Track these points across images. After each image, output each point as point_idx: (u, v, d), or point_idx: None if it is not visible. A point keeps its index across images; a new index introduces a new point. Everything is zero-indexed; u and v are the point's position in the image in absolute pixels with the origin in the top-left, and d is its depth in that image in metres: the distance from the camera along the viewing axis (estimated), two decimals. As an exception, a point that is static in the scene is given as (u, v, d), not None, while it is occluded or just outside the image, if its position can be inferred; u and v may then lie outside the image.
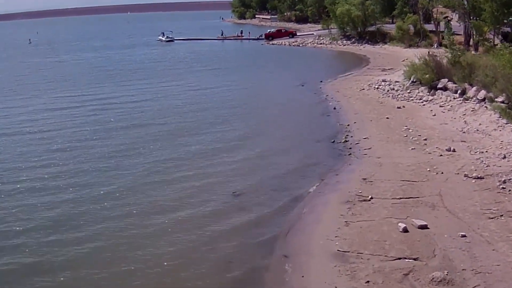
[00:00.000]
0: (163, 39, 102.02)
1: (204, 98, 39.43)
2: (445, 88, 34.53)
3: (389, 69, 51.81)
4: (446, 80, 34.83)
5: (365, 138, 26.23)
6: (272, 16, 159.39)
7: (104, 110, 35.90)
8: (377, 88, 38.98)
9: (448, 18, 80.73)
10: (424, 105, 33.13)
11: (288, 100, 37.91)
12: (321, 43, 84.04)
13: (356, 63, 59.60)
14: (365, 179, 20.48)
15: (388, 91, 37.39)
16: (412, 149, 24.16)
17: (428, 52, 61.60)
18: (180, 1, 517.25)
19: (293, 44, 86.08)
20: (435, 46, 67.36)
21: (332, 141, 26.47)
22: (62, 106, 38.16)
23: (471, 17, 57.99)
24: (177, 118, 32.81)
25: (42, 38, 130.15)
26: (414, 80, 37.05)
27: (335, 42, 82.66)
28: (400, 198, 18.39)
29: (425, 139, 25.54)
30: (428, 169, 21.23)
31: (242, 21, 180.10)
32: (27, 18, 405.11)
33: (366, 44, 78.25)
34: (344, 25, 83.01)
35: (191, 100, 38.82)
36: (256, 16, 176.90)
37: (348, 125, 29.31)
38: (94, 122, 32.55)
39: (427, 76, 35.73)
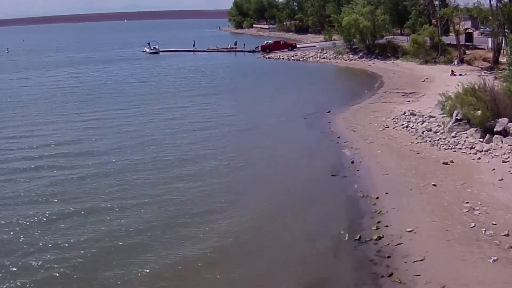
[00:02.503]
0: (148, 50, 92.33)
1: (168, 142, 28.75)
2: (505, 133, 24.54)
3: (411, 94, 42.03)
4: (506, 120, 24.84)
5: (409, 232, 16.10)
6: (271, 26, 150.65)
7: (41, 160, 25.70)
8: (407, 126, 28.81)
9: (470, 30, 71.52)
10: (479, 158, 23.01)
11: (285, 146, 27.41)
12: (324, 57, 74.20)
13: (368, 84, 49.61)
14: None
15: (423, 132, 27.24)
16: (494, 260, 14.10)
17: (452, 71, 52.41)
18: (177, 9, 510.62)
19: (292, 58, 76.15)
20: (456, 63, 58.37)
21: (357, 237, 16.15)
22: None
23: (506, 30, 48.74)
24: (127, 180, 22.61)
25: (24, 47, 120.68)
26: (459, 118, 26.88)
27: (340, 56, 72.77)
28: None
29: (507, 234, 15.49)
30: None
31: (239, 30, 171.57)
32: (26, 24, 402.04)
33: (375, 59, 68.75)
34: (351, 37, 73.14)
35: (152, 144, 28.51)
36: (254, 25, 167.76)
37: (377, 198, 19.13)
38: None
39: (478, 113, 25.66)
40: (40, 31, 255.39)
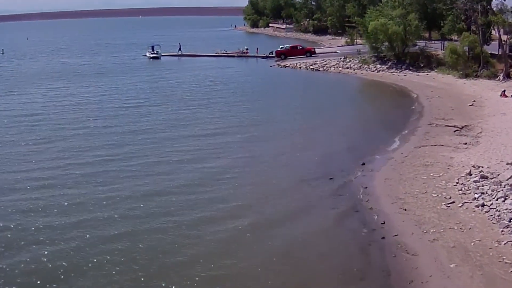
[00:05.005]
0: (148, 55, 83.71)
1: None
2: None
3: (463, 128, 32.89)
4: None
5: None
6: (288, 26, 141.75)
7: None
8: (483, 205, 19.33)
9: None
10: None
11: (298, 257, 16.81)
12: (347, 67, 64.71)
13: (405, 110, 40.25)
14: None
15: (510, 221, 17.80)
16: None
17: (504, 92, 42.91)
18: (193, 6, 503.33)
19: (311, 67, 66.71)
20: (501, 78, 49.42)
21: None
22: None
23: None
24: None
25: (23, 48, 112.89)
26: None
27: (366, 66, 63.34)
28: None
29: None
30: None
31: (255, 29, 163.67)
32: (40, 19, 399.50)
33: (406, 70, 59.65)
34: (378, 44, 63.57)
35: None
36: (270, 25, 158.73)
37: None
38: None
39: None
40: (52, 27, 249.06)
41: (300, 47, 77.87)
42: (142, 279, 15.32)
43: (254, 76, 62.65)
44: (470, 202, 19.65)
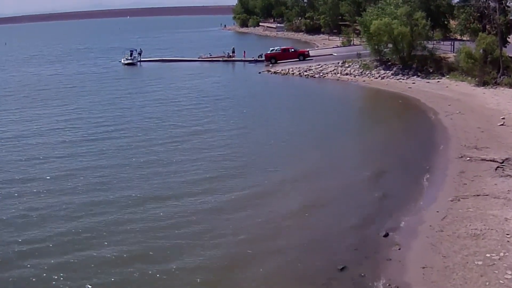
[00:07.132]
0: (123, 61, 76.19)
1: None
2: None
3: (504, 163, 25.34)
4: None
5: None
6: (279, 25, 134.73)
7: None
8: None
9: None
10: None
11: None
12: (347, 73, 57.24)
13: (423, 133, 32.64)
14: None
15: None
16: None
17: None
18: (182, 5, 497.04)
19: (305, 73, 59.37)
20: (525, 86, 42.33)
21: None
22: None
23: None
24: None
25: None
26: None
27: (368, 72, 55.88)
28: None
29: None
30: None
31: (244, 29, 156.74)
32: (29, 22, 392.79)
33: (414, 77, 52.68)
34: (382, 47, 56.17)
35: None
36: (260, 24, 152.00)
37: None
38: None
39: None
40: (39, 30, 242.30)
41: (292, 50, 70.32)
42: None
43: (239, 87, 53.91)
44: None
